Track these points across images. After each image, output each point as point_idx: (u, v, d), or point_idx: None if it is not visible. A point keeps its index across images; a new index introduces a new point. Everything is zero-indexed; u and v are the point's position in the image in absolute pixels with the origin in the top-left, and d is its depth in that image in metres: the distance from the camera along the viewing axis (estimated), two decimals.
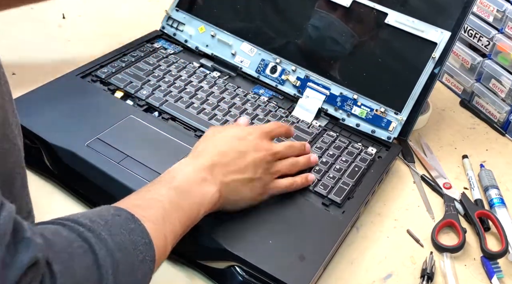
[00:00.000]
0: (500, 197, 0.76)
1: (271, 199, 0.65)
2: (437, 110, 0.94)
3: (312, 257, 0.60)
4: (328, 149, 0.76)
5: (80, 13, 1.08)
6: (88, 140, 0.70)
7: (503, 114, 0.89)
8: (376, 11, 0.81)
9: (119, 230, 0.45)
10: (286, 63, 0.85)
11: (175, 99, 0.80)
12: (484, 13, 0.90)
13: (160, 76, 0.84)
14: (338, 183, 0.70)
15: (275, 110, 0.81)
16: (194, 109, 0.79)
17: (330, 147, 0.76)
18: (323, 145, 0.76)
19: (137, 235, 0.47)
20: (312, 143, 0.76)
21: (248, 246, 0.60)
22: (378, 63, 0.81)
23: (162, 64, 0.87)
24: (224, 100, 0.81)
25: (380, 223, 0.72)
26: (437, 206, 0.76)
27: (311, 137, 0.77)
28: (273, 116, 0.80)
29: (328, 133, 0.79)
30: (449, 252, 0.68)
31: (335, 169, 0.73)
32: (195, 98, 0.81)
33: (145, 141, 0.72)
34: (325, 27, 0.85)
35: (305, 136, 0.77)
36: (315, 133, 0.78)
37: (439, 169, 0.81)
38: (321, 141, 0.77)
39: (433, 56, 0.77)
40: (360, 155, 0.76)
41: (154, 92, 0.80)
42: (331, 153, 0.75)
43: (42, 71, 0.86)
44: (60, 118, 0.73)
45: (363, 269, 0.66)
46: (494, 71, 0.88)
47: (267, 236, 0.61)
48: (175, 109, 0.78)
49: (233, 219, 0.62)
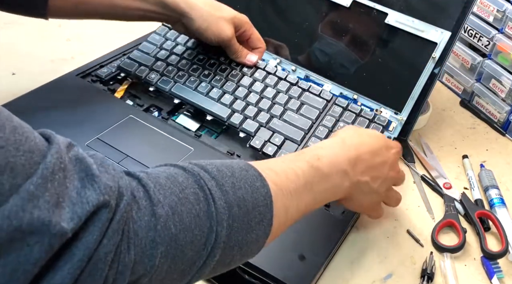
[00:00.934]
0: (500, 197, 0.76)
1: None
2: (437, 110, 0.94)
3: (312, 257, 0.60)
4: None
5: None
6: (88, 140, 0.70)
7: (503, 114, 0.89)
8: (376, 11, 0.81)
9: (244, 184, 0.44)
10: (286, 63, 0.85)
11: (183, 81, 0.81)
12: (484, 13, 0.90)
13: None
14: None
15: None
16: (203, 89, 0.80)
17: None
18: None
19: (261, 194, 0.44)
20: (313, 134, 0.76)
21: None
22: (378, 63, 0.81)
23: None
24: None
25: (380, 223, 0.72)
26: (437, 206, 0.76)
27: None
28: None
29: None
30: (449, 252, 0.68)
31: None
32: (204, 83, 0.81)
33: (145, 141, 0.72)
34: (326, 28, 0.85)
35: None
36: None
37: (439, 169, 0.81)
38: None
39: (433, 56, 0.77)
40: None
41: (163, 77, 0.82)
42: None
43: (42, 71, 0.86)
44: (60, 118, 0.73)
45: (363, 269, 0.66)
46: (494, 71, 0.88)
47: None
48: (183, 92, 0.80)
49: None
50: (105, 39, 0.97)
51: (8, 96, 0.76)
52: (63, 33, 1.02)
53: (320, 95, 0.79)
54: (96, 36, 1.01)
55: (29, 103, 0.75)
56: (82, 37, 1.01)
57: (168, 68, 0.83)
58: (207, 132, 0.77)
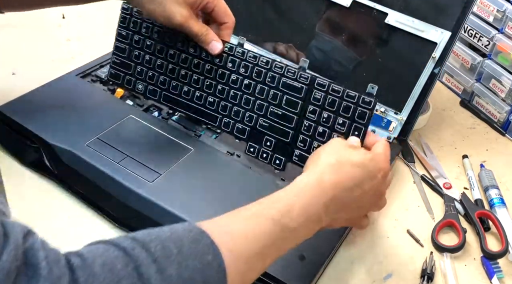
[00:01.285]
0: (500, 197, 0.76)
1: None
2: (437, 110, 0.94)
3: (312, 257, 0.60)
4: None
5: (80, 13, 1.08)
6: (88, 140, 0.70)
7: (503, 114, 0.89)
8: (376, 11, 0.81)
9: (192, 262, 0.40)
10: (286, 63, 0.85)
11: (167, 87, 0.76)
12: (484, 13, 0.90)
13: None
14: None
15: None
16: (186, 94, 0.75)
17: None
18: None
19: (212, 269, 0.41)
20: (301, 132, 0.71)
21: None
22: (378, 63, 0.81)
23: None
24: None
25: (380, 223, 0.72)
26: (437, 206, 0.76)
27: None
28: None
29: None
30: (449, 252, 0.68)
31: None
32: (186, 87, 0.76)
33: (145, 141, 0.72)
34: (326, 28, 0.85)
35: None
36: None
37: (439, 169, 0.81)
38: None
39: (433, 56, 0.77)
40: None
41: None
42: None
43: (42, 71, 0.86)
44: (60, 118, 0.73)
45: (363, 269, 0.66)
46: (494, 71, 0.88)
47: None
48: (171, 101, 0.76)
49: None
50: (105, 39, 0.97)
51: (8, 96, 0.76)
52: (63, 33, 1.02)
53: (298, 79, 0.68)
54: (96, 36, 1.01)
55: (29, 103, 0.75)
56: (82, 37, 1.01)
57: (148, 73, 0.77)
58: (207, 132, 0.76)
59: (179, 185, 0.66)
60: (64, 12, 1.06)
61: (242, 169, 0.70)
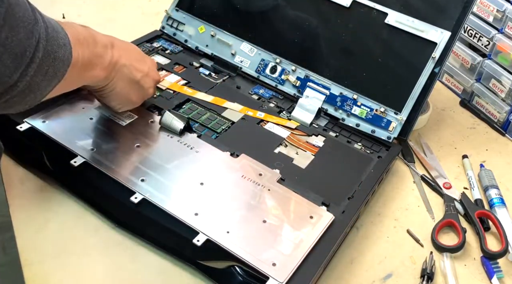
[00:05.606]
0: (500, 197, 0.76)
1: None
2: (437, 110, 0.94)
3: (312, 257, 0.60)
4: None
5: (80, 13, 1.08)
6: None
7: (503, 114, 0.89)
8: (376, 11, 0.81)
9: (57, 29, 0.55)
10: (286, 63, 0.85)
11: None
12: (484, 13, 0.90)
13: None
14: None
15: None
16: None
17: None
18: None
19: (63, 33, 0.56)
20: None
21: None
22: (378, 63, 0.81)
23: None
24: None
25: (380, 223, 0.72)
26: (437, 206, 0.76)
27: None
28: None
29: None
30: (449, 252, 0.68)
31: None
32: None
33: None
34: (326, 28, 0.85)
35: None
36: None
37: (439, 169, 0.81)
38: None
39: (433, 56, 0.77)
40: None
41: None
42: None
43: None
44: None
45: (363, 269, 0.66)
46: (494, 71, 0.88)
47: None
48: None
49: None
50: None
51: None
52: None
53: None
54: None
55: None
56: None
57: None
58: (207, 132, 0.76)
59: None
60: (64, 12, 1.06)
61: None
